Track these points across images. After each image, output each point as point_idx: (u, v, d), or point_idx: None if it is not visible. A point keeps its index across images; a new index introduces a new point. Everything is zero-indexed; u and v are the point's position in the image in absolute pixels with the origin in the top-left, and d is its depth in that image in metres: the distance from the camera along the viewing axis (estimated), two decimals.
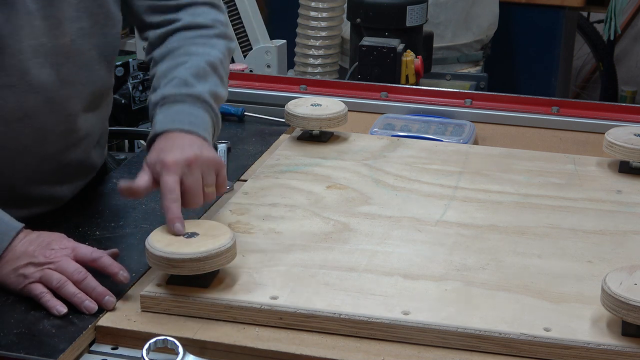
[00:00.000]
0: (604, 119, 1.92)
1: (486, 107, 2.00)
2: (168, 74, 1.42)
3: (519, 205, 1.51)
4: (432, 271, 1.28)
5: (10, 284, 1.23)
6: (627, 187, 1.59)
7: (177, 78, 1.40)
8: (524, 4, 3.82)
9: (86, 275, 1.22)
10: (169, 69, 1.43)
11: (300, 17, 3.19)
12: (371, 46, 2.66)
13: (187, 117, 1.36)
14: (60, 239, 1.26)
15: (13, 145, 1.37)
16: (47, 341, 1.14)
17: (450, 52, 3.35)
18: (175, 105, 1.37)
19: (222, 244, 1.21)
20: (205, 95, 1.40)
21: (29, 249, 1.23)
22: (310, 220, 1.44)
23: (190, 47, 1.46)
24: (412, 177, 1.61)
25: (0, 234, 1.24)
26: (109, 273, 1.23)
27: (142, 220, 1.47)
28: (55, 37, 1.35)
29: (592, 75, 4.90)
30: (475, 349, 1.14)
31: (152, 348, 1.10)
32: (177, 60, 1.44)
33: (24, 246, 1.24)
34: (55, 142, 1.43)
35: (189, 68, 1.42)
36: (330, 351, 1.13)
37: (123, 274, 1.23)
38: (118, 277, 1.23)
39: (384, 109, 2.01)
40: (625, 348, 1.10)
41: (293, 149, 1.74)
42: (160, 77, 1.43)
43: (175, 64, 1.43)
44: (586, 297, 1.21)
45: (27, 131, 1.37)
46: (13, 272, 1.22)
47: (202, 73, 1.42)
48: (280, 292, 1.22)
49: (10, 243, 1.23)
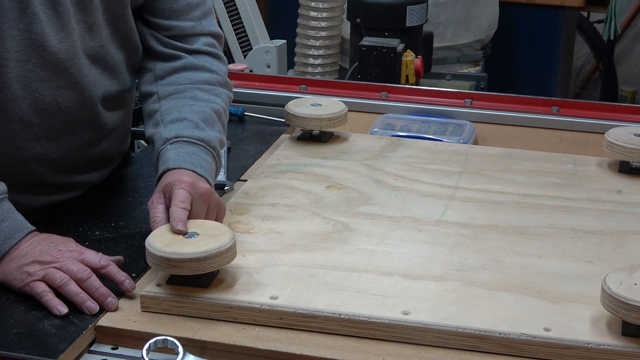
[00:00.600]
0: (604, 119, 1.92)
1: (486, 107, 2.00)
2: (174, 112, 1.47)
3: (519, 205, 1.51)
4: (432, 271, 1.29)
5: (12, 281, 1.24)
6: (627, 187, 1.59)
7: (187, 120, 1.45)
8: (524, 4, 3.82)
9: (90, 275, 1.23)
10: (176, 107, 1.48)
11: (300, 17, 3.19)
12: (371, 46, 2.66)
13: (199, 160, 1.40)
14: (69, 243, 1.29)
15: (47, 136, 1.43)
16: (47, 341, 1.14)
17: (450, 52, 3.35)
18: (187, 145, 1.42)
19: (222, 244, 1.21)
20: (214, 142, 1.45)
21: (37, 248, 1.26)
22: (310, 220, 1.44)
23: (196, 92, 1.50)
24: (412, 177, 1.61)
25: (11, 231, 1.27)
26: (115, 281, 1.25)
27: (142, 220, 1.47)
28: (87, 40, 1.43)
29: (592, 75, 4.90)
30: (475, 349, 1.14)
31: (152, 348, 1.10)
32: (184, 101, 1.48)
33: (32, 246, 1.26)
34: (84, 134, 1.49)
35: (198, 113, 1.46)
36: (330, 351, 1.13)
37: (129, 283, 1.25)
38: (124, 286, 1.25)
39: (384, 109, 2.01)
40: (625, 348, 1.10)
41: (293, 149, 1.74)
42: (166, 112, 1.47)
43: (182, 104, 1.48)
44: (586, 297, 1.21)
45: (60, 124, 1.43)
46: (17, 269, 1.24)
47: (210, 119, 1.47)
48: (280, 292, 1.22)
49: (19, 241, 1.26)
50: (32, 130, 1.40)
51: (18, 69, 1.35)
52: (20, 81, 1.36)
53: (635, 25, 4.82)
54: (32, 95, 1.38)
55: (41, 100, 1.39)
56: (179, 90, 1.50)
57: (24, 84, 1.37)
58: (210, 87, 1.52)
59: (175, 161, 1.39)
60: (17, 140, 1.40)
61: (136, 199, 1.56)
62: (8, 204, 1.29)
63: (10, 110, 1.37)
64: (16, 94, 1.36)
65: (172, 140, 1.42)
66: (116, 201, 1.55)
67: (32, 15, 1.34)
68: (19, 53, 1.34)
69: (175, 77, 1.53)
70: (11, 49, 1.34)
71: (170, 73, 1.53)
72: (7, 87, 1.35)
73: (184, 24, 1.55)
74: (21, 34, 1.34)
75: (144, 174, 1.68)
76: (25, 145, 1.41)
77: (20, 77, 1.36)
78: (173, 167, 1.38)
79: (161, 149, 1.42)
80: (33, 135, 1.41)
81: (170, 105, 1.48)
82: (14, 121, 1.38)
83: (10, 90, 1.36)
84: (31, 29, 1.34)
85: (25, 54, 1.35)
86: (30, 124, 1.40)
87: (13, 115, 1.37)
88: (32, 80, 1.37)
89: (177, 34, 1.55)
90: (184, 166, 1.38)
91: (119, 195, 1.57)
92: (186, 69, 1.53)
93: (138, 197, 1.57)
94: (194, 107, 1.47)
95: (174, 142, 1.42)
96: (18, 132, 1.39)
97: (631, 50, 4.85)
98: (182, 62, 1.53)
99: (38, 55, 1.36)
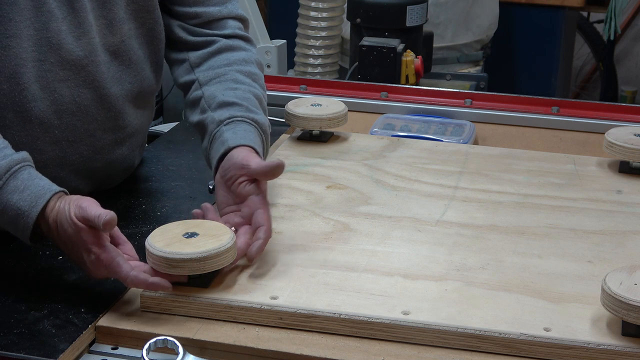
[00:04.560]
0: (604, 119, 1.92)
1: (486, 107, 2.00)
2: (219, 96, 1.47)
3: (519, 205, 1.51)
4: (432, 271, 1.29)
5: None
6: (627, 187, 1.59)
7: (236, 104, 1.45)
8: (524, 4, 3.82)
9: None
10: (220, 92, 1.47)
11: (300, 17, 3.19)
12: (371, 46, 2.66)
13: (255, 138, 1.42)
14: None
15: (66, 138, 1.42)
16: (47, 341, 1.14)
17: (450, 52, 3.35)
18: (242, 124, 1.42)
19: (222, 244, 1.21)
20: (265, 125, 1.46)
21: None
22: (310, 220, 1.44)
23: (237, 74, 1.50)
24: (412, 177, 1.61)
25: (34, 197, 1.20)
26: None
27: (142, 220, 1.47)
28: (106, 36, 1.41)
29: (592, 75, 4.90)
30: (475, 349, 1.14)
31: (152, 348, 1.10)
32: (226, 84, 1.49)
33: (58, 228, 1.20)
34: (104, 137, 1.47)
35: (242, 98, 1.46)
36: (330, 351, 1.13)
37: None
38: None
39: (384, 109, 2.01)
40: (625, 348, 1.10)
41: (293, 149, 1.74)
42: (210, 97, 1.47)
43: (225, 87, 1.48)
44: (586, 297, 1.21)
45: (80, 124, 1.42)
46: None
47: (254, 104, 1.48)
48: (280, 292, 1.22)
49: (45, 205, 1.20)
50: (52, 132, 1.39)
51: (36, 68, 1.35)
52: (38, 81, 1.35)
53: (635, 25, 4.82)
54: (51, 96, 1.37)
55: (60, 101, 1.38)
56: (219, 74, 1.50)
57: (42, 85, 1.36)
58: (249, 70, 1.52)
59: (235, 139, 1.39)
60: (37, 143, 1.38)
61: (136, 199, 1.56)
62: (28, 172, 1.22)
63: (30, 112, 1.36)
64: (36, 94, 1.35)
65: (226, 121, 1.42)
66: (116, 201, 1.55)
67: (48, 14, 1.33)
68: (36, 52, 1.34)
69: (212, 61, 1.53)
70: (28, 49, 1.33)
71: (206, 58, 1.53)
72: (27, 87, 1.34)
73: (211, 9, 1.55)
74: (38, 33, 1.33)
75: (144, 175, 1.68)
76: (46, 148, 1.40)
77: (38, 77, 1.35)
78: (233, 146, 1.38)
79: (216, 132, 1.42)
80: (53, 138, 1.40)
81: (214, 89, 1.48)
82: (34, 123, 1.37)
83: (30, 90, 1.35)
84: (47, 28, 1.34)
85: (42, 53, 1.34)
86: (51, 126, 1.39)
87: (33, 117, 1.36)
88: (50, 80, 1.36)
89: (205, 20, 1.54)
90: (243, 142, 1.38)
91: (119, 196, 1.57)
92: (222, 51, 1.53)
93: (138, 197, 1.57)
94: (237, 92, 1.47)
95: (228, 122, 1.42)
96: (38, 134, 1.38)
97: (631, 50, 4.85)
98: (217, 46, 1.53)
99: (55, 54, 1.35)
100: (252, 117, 1.44)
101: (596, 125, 1.91)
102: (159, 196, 1.57)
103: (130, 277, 1.17)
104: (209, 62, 1.53)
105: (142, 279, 1.17)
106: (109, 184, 1.56)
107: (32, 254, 1.33)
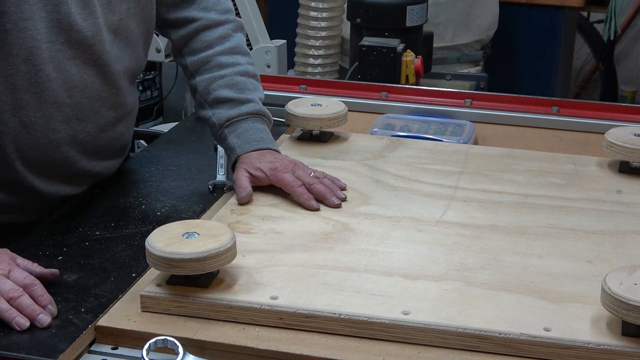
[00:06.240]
0: (604, 119, 1.92)
1: (486, 107, 2.00)
2: (211, 92, 1.63)
3: (519, 205, 1.51)
4: (432, 271, 1.29)
5: None
6: (627, 187, 1.59)
7: (228, 101, 1.61)
8: (524, 4, 3.82)
9: (21, 294, 1.18)
10: (210, 84, 1.63)
11: (300, 17, 3.19)
12: (371, 46, 2.66)
13: (257, 133, 1.60)
14: (1, 258, 1.24)
15: (76, 116, 1.48)
16: (47, 341, 1.14)
17: (450, 52, 3.35)
18: (242, 123, 1.60)
19: (222, 244, 1.21)
20: (257, 107, 1.62)
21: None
22: (310, 220, 1.44)
23: (220, 58, 1.65)
24: (412, 177, 1.61)
25: None
26: (38, 304, 1.19)
27: (142, 220, 1.47)
28: (108, 16, 1.47)
29: (592, 75, 4.90)
30: (475, 349, 1.14)
31: (152, 348, 1.10)
32: (213, 74, 1.64)
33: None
34: (107, 114, 1.54)
35: (230, 86, 1.62)
36: (330, 351, 1.13)
37: (43, 317, 1.17)
38: (37, 320, 1.17)
39: (384, 109, 2.01)
40: (625, 348, 1.10)
41: (293, 149, 1.74)
42: (204, 93, 1.64)
43: (213, 78, 1.63)
44: (586, 297, 1.21)
45: (87, 102, 1.49)
46: None
47: (242, 85, 1.63)
48: (280, 292, 1.22)
49: None
50: (64, 111, 1.45)
51: (49, 49, 1.40)
52: (52, 62, 1.41)
53: (635, 25, 4.81)
54: (63, 75, 1.43)
55: (70, 80, 1.44)
56: (204, 61, 1.64)
57: (55, 65, 1.41)
58: (229, 47, 1.65)
59: (241, 147, 1.58)
60: (51, 123, 1.44)
61: (136, 199, 1.56)
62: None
63: (45, 92, 1.42)
64: (50, 75, 1.41)
65: (226, 124, 1.60)
66: (116, 201, 1.55)
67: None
68: (48, 34, 1.39)
69: (193, 43, 1.66)
70: (42, 31, 1.38)
71: (186, 41, 1.66)
72: (42, 68, 1.40)
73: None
74: (49, 15, 1.39)
75: (144, 174, 1.68)
76: (58, 127, 1.45)
77: (51, 57, 1.41)
78: (240, 154, 1.57)
79: (220, 133, 1.61)
80: (65, 116, 1.46)
81: (205, 84, 1.63)
82: (49, 102, 1.43)
83: (45, 71, 1.40)
84: (58, 10, 1.39)
85: (54, 35, 1.40)
86: (63, 105, 1.44)
87: (48, 97, 1.42)
88: (61, 60, 1.42)
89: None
90: (249, 149, 1.57)
91: (119, 195, 1.57)
92: (199, 31, 1.65)
93: (138, 197, 1.57)
94: (225, 80, 1.62)
95: (227, 125, 1.60)
96: (52, 113, 1.44)
97: (631, 50, 4.85)
98: (195, 26, 1.65)
99: (65, 35, 1.41)
100: (247, 111, 1.60)
101: (596, 125, 1.91)
102: (159, 196, 1.57)
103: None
104: (190, 45, 1.66)
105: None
106: (108, 165, 1.61)
107: (32, 254, 1.33)
